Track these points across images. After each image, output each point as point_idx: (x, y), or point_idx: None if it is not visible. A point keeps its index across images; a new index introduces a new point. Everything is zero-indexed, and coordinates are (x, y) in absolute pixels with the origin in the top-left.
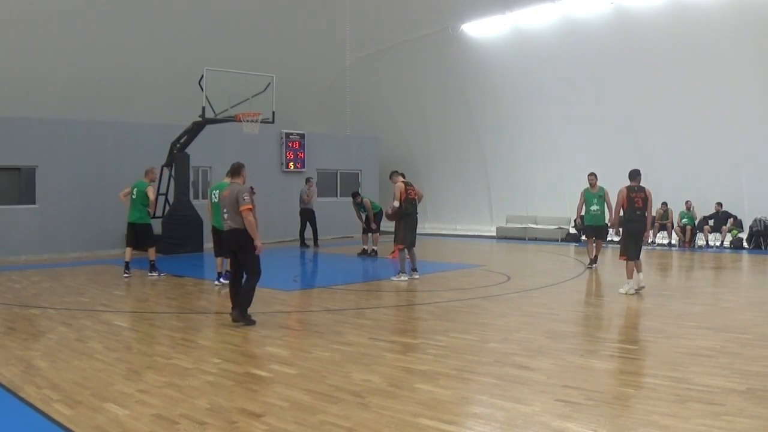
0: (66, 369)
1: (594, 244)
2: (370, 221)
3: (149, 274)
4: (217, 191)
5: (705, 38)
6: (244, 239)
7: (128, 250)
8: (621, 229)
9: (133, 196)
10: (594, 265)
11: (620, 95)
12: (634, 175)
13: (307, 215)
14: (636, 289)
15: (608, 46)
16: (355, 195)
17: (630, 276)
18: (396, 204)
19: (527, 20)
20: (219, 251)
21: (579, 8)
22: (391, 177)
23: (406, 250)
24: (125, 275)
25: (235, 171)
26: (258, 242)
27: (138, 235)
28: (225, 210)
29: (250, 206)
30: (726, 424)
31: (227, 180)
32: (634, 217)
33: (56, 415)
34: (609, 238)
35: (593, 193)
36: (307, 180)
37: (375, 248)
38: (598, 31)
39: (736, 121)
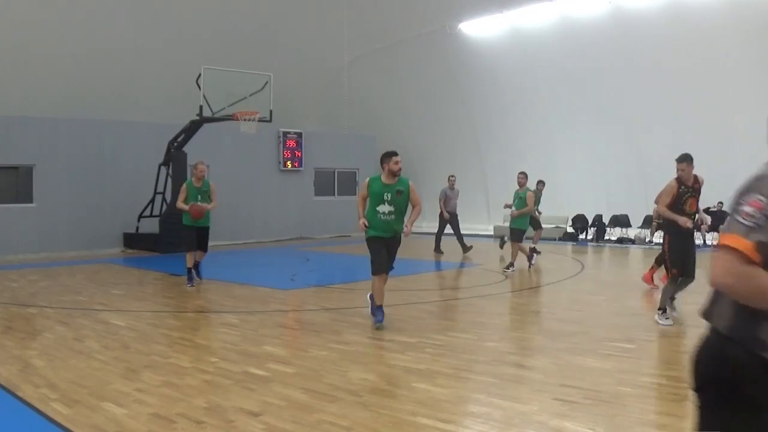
0: (63, 368)
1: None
2: None
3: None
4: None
5: (703, 37)
6: None
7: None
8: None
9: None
10: (510, 270)
11: (618, 94)
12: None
13: (453, 219)
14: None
15: (606, 45)
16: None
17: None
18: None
19: (525, 19)
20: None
21: (576, 7)
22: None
23: None
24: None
25: None
26: None
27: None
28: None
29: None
30: None
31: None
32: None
33: (54, 414)
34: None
35: (517, 193)
36: (450, 178)
37: None
38: (595, 31)
39: (734, 120)
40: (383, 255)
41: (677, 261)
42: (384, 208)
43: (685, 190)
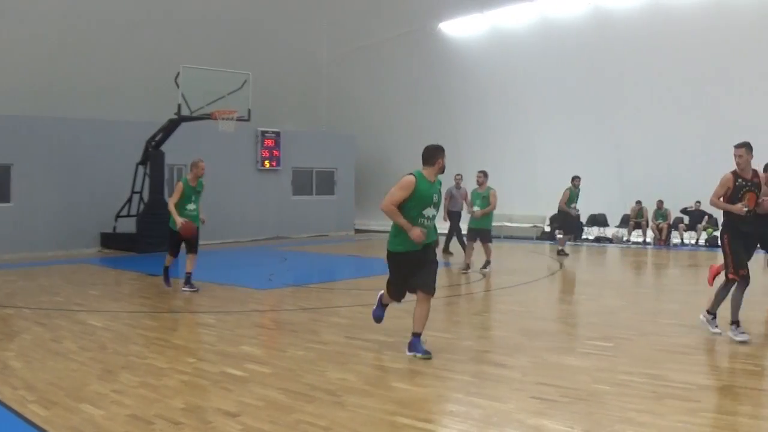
0: (41, 369)
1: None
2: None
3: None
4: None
5: (682, 37)
6: None
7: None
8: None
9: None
10: (486, 269)
11: (597, 94)
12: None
13: (453, 218)
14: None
15: (585, 45)
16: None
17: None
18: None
19: (505, 19)
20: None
21: (556, 8)
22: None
23: None
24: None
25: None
26: None
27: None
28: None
29: None
30: (702, 421)
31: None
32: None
33: (32, 416)
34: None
35: (478, 193)
36: (455, 177)
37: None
38: (575, 31)
39: (712, 120)
40: (404, 279)
41: (742, 261)
42: (429, 213)
43: (743, 183)
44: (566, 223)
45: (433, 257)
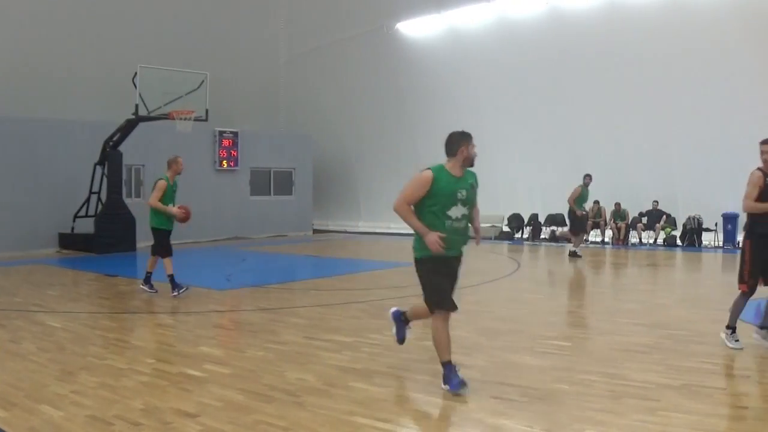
0: (0, 370)
1: None
2: None
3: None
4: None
5: (638, 38)
6: None
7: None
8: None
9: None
10: None
11: (554, 94)
12: None
13: None
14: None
15: (542, 45)
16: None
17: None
18: None
19: (462, 20)
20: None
21: (514, 8)
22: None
23: None
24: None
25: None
26: None
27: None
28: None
29: None
30: (661, 420)
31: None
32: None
33: None
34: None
35: None
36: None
37: None
38: (532, 31)
39: (669, 120)
40: (446, 283)
41: (756, 271)
42: (456, 212)
43: None
44: (573, 222)
45: (459, 266)
